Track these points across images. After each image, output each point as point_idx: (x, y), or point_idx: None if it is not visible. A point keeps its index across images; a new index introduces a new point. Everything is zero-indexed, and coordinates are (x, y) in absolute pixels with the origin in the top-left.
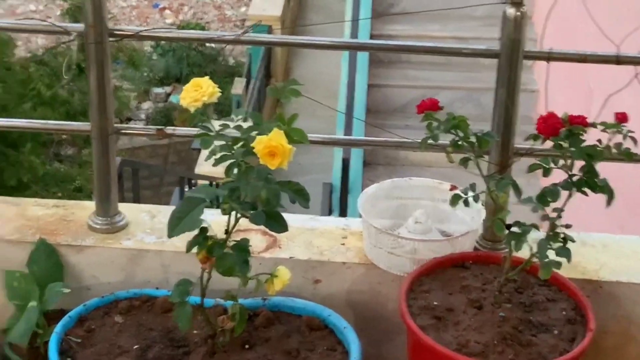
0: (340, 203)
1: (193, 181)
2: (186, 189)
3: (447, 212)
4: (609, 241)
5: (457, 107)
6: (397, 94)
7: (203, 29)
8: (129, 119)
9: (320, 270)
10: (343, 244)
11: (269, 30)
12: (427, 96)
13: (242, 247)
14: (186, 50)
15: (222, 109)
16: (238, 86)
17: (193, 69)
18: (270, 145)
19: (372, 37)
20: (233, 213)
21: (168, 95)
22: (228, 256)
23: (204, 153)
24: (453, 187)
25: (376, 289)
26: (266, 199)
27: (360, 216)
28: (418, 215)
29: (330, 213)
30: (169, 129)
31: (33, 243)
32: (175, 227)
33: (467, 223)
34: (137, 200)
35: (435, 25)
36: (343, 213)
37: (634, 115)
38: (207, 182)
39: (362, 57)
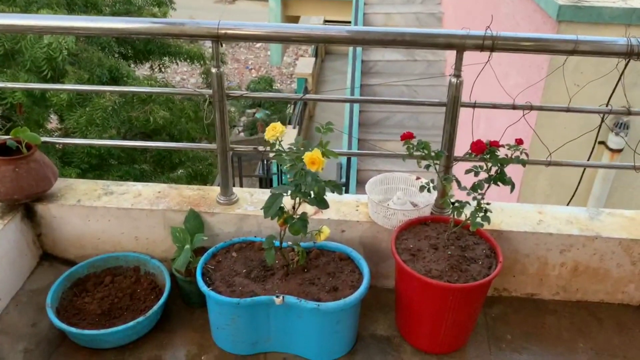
0: (346, 175)
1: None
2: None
3: (416, 193)
4: (505, 207)
5: (406, 121)
6: (374, 115)
7: (271, 80)
8: (234, 126)
9: (345, 225)
10: (357, 210)
11: (306, 81)
12: (389, 117)
13: (303, 218)
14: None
15: (283, 119)
16: (289, 107)
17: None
18: (312, 158)
19: (361, 86)
20: (297, 199)
21: (254, 113)
22: (295, 223)
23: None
24: (418, 178)
25: (376, 236)
26: (317, 192)
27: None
28: (399, 194)
29: (341, 178)
30: (261, 148)
31: (186, 211)
32: (268, 210)
33: (426, 198)
34: (240, 173)
35: (395, 78)
36: (347, 178)
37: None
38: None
39: (357, 94)
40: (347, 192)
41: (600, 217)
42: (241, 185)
